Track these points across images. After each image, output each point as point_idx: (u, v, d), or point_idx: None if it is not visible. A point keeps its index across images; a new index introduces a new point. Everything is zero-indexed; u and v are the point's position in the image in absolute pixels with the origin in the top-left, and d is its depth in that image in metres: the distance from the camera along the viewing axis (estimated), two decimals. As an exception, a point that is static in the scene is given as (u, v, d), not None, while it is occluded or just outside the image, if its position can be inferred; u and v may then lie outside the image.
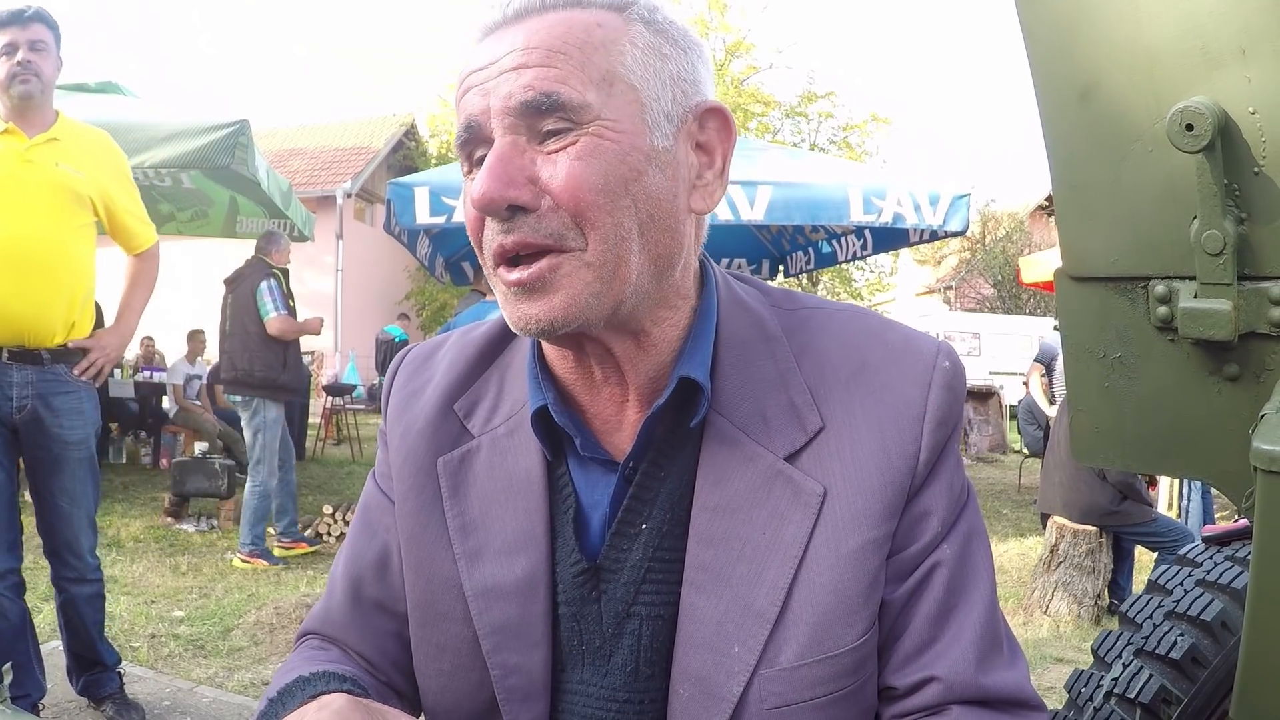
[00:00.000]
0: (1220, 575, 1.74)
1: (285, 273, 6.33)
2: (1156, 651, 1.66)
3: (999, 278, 28.56)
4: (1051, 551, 5.30)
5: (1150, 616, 1.73)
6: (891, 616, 0.84)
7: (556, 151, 0.76)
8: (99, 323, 3.26)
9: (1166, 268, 1.18)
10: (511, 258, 0.78)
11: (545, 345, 0.90)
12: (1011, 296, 27.77)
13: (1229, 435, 1.22)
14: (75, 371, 3.01)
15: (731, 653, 0.81)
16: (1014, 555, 6.91)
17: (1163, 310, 1.19)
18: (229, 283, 6.30)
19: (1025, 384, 11.38)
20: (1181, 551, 1.86)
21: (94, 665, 3.27)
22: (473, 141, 0.80)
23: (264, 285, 6.04)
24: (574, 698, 0.87)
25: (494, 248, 0.78)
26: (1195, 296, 1.14)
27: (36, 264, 2.85)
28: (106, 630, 4.24)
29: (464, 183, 0.84)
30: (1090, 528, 5.17)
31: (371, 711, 0.73)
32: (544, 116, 0.75)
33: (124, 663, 3.91)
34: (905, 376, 0.86)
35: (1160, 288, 1.19)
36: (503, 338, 0.98)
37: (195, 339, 9.99)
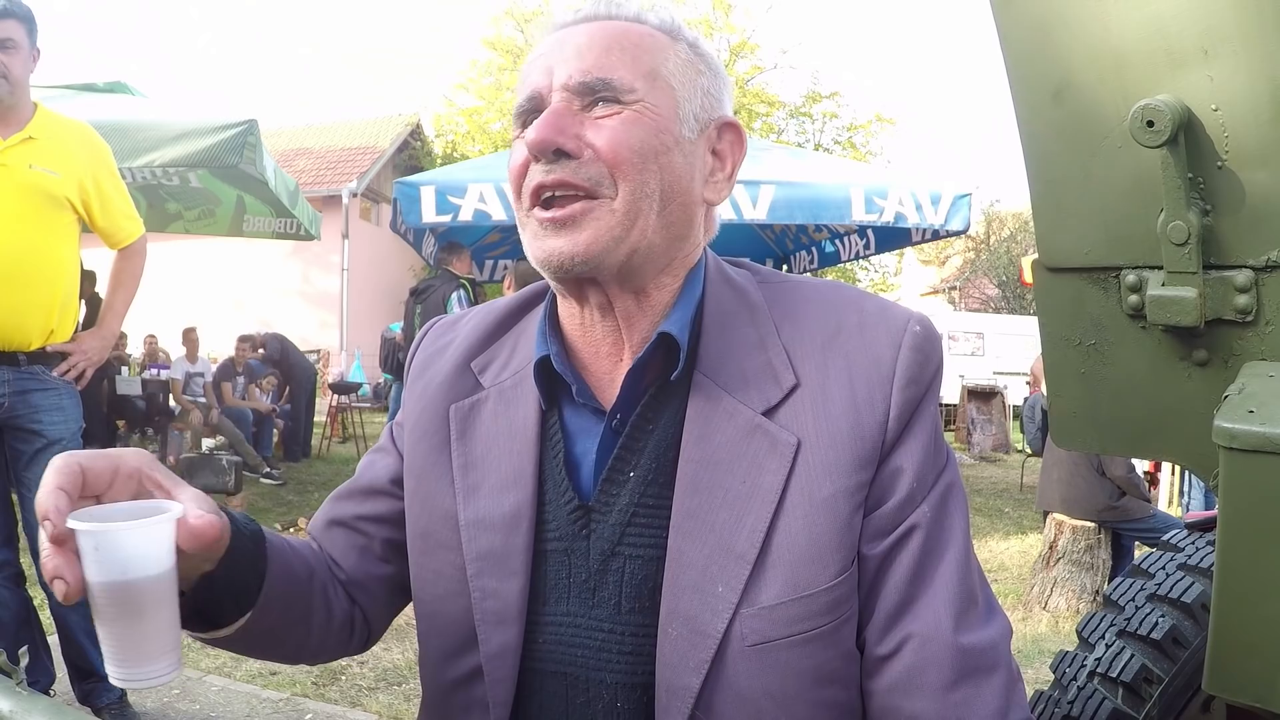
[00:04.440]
0: (1201, 559, 1.80)
1: (472, 282, 6.54)
2: (1138, 632, 1.72)
3: (1004, 278, 28.56)
4: (1050, 548, 5.35)
5: (1133, 599, 1.79)
6: (870, 573, 0.91)
7: (602, 118, 0.91)
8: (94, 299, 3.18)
9: (1137, 258, 1.24)
10: (545, 201, 0.91)
11: (560, 305, 1.02)
12: (1016, 296, 27.76)
13: (1199, 418, 1.28)
14: (55, 373, 2.97)
15: (716, 592, 0.88)
16: (1015, 552, 6.95)
17: (1134, 299, 1.25)
18: (416, 293, 6.56)
19: (1030, 383, 11.36)
20: (1164, 537, 1.92)
21: (90, 675, 3.17)
22: (531, 111, 0.95)
23: (454, 296, 6.27)
24: (561, 628, 0.94)
25: (533, 186, 0.92)
26: (1163, 285, 1.20)
27: (9, 271, 2.78)
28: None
29: (514, 144, 0.98)
30: (1089, 524, 5.21)
31: (159, 469, 0.83)
32: (595, 94, 0.91)
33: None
34: (877, 339, 0.94)
35: (1131, 277, 1.25)
36: (521, 309, 1.11)
37: (189, 337, 10.04)
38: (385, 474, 1.11)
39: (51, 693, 3.23)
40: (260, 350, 11.01)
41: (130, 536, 0.73)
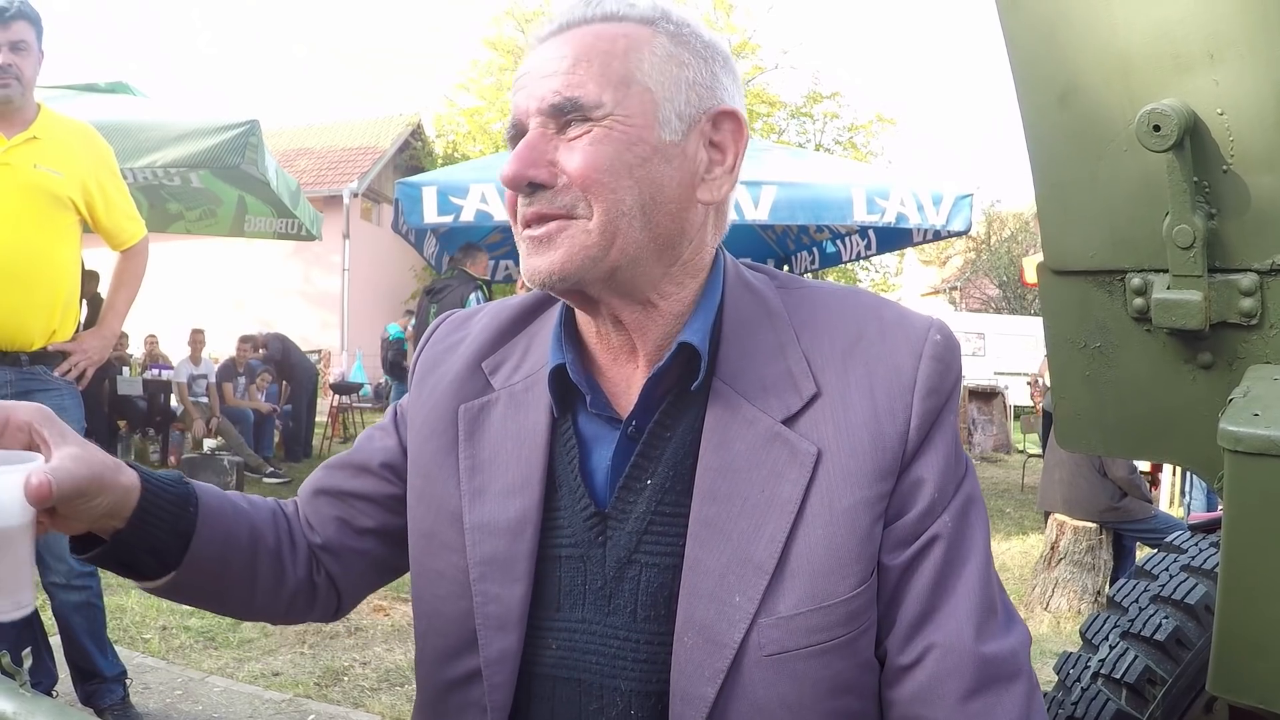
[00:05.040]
0: (1205, 560, 1.80)
1: (488, 284, 6.56)
2: (1142, 634, 1.72)
3: (1004, 278, 28.60)
4: (1052, 548, 5.35)
5: (1136, 600, 1.79)
6: (891, 584, 0.90)
7: (574, 139, 0.89)
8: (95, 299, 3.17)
9: (1142, 261, 1.25)
10: (532, 223, 0.91)
11: (577, 311, 1.01)
12: (1017, 297, 27.79)
13: (1204, 421, 1.28)
14: (57, 373, 2.97)
15: (733, 602, 0.87)
16: (1016, 553, 6.95)
17: (1139, 302, 1.25)
18: (432, 293, 6.57)
19: (1031, 383, 11.35)
20: (1168, 539, 1.92)
21: (92, 676, 3.17)
22: (517, 137, 0.94)
23: (473, 296, 6.30)
24: (575, 634, 0.94)
25: (519, 216, 0.93)
26: (1168, 288, 1.20)
27: (13, 271, 2.78)
28: (118, 623, 4.33)
29: None
30: (1090, 524, 5.21)
31: (52, 424, 0.86)
32: (565, 115, 0.89)
33: (137, 654, 3.99)
34: (898, 348, 0.93)
35: (1136, 280, 1.25)
36: (536, 308, 1.09)
37: (195, 338, 10.05)
38: (378, 455, 1.11)
39: (54, 694, 3.23)
40: (262, 350, 11.02)
41: None
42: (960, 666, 0.87)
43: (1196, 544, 1.86)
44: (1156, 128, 1.08)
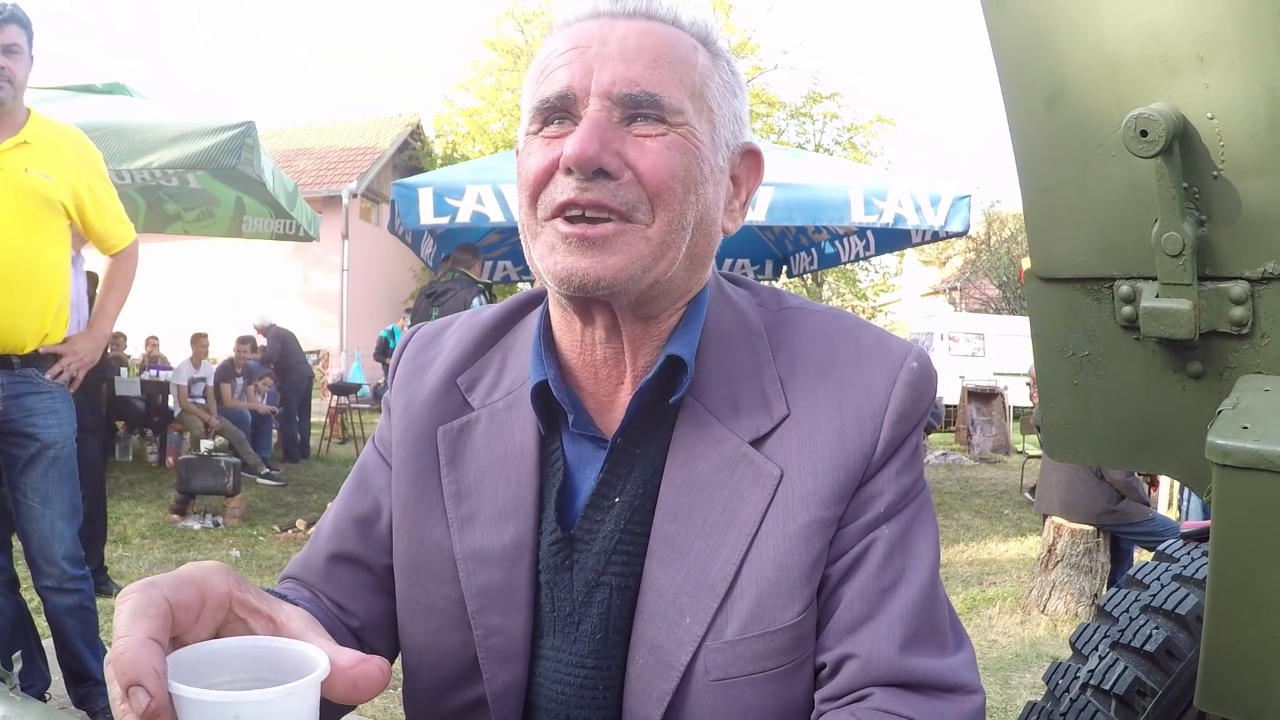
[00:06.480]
0: (1196, 570, 1.77)
1: (489, 287, 6.52)
2: (1132, 644, 1.70)
3: (1004, 278, 28.57)
4: (1049, 551, 5.33)
5: (1127, 610, 1.76)
6: (827, 592, 0.88)
7: (644, 137, 0.84)
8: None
9: (1130, 268, 1.22)
10: (571, 215, 0.84)
11: (556, 322, 0.96)
12: (1016, 297, 27.75)
13: (1193, 431, 1.26)
14: (48, 376, 2.97)
15: (683, 624, 0.86)
16: (1014, 555, 6.93)
17: (1127, 310, 1.23)
18: (433, 296, 6.55)
19: (1030, 383, 11.33)
20: (1160, 547, 1.90)
21: (85, 679, 3.16)
22: (560, 110, 0.86)
23: (476, 301, 6.28)
24: (546, 663, 0.91)
25: (562, 200, 0.84)
26: (1157, 296, 1.18)
27: (4, 274, 2.79)
28: (112, 625, 4.30)
29: (525, 138, 0.90)
30: (1087, 527, 5.19)
31: (244, 584, 0.73)
32: (640, 109, 0.84)
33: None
34: (872, 373, 0.91)
35: (1125, 288, 1.23)
36: (509, 319, 1.05)
37: (199, 343, 10.04)
38: (385, 501, 1.01)
39: (46, 697, 3.22)
40: (261, 341, 11.00)
41: (285, 703, 0.61)
42: (879, 679, 0.84)
43: (1189, 553, 1.84)
44: (1143, 133, 1.06)
